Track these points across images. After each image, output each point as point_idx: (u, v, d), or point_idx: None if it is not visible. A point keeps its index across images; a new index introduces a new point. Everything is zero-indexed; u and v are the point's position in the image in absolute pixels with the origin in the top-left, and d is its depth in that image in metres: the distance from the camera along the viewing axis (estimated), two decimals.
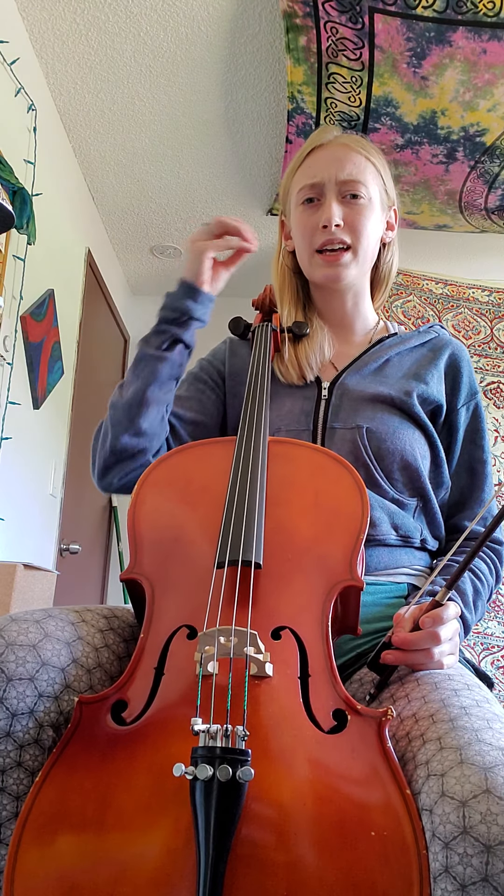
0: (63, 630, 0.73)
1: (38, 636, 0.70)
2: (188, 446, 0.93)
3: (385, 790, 0.58)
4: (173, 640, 0.71)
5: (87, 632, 0.76)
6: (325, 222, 1.04)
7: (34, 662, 0.68)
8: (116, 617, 0.83)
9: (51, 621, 0.73)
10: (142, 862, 0.56)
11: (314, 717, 0.64)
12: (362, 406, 1.01)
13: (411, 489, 0.99)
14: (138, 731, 0.64)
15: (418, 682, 0.73)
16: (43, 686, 0.67)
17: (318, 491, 0.84)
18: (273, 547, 0.77)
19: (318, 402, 1.04)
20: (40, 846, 0.59)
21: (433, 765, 0.58)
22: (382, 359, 1.08)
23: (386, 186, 1.11)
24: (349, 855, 0.55)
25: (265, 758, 0.60)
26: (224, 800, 0.55)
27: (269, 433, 0.93)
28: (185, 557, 0.79)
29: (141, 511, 0.84)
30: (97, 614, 0.81)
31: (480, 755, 0.57)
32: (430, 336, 1.13)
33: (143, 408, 0.97)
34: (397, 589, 0.95)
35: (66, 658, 0.71)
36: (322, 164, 1.07)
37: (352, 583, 0.74)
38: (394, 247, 1.18)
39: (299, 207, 1.09)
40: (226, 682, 0.64)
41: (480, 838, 0.51)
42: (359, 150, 1.08)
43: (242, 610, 0.70)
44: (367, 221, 1.07)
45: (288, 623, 0.71)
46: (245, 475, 0.83)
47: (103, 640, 0.78)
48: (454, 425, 1.06)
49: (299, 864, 0.55)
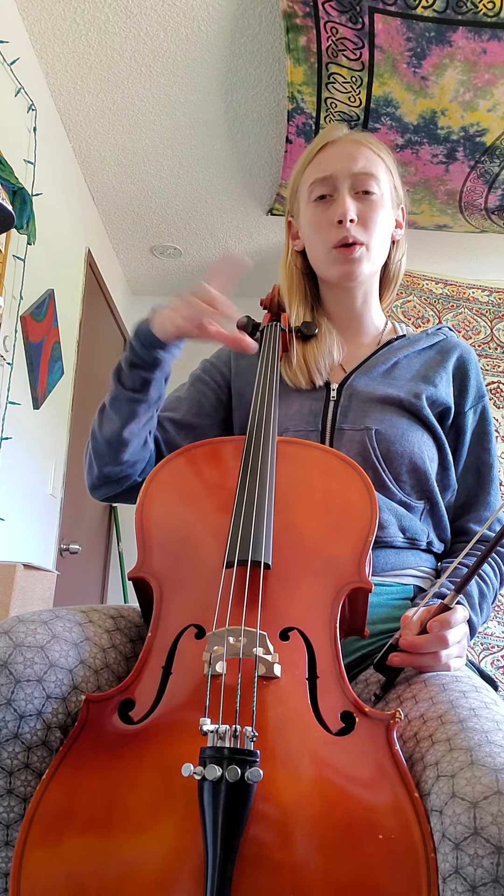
0: (71, 631, 0.73)
1: (46, 637, 0.70)
2: (196, 445, 0.93)
3: (393, 793, 0.58)
4: (181, 640, 0.71)
5: (94, 632, 0.76)
6: (340, 217, 1.03)
7: (42, 664, 0.68)
8: (123, 617, 0.83)
9: (58, 622, 0.73)
10: (149, 862, 0.56)
11: (322, 719, 0.64)
12: (371, 408, 1.01)
13: (419, 492, 0.99)
14: (146, 730, 0.64)
15: (426, 684, 0.73)
16: (51, 687, 0.67)
17: (326, 492, 0.84)
18: (282, 547, 0.77)
19: (326, 403, 1.03)
20: (46, 845, 0.59)
21: (443, 766, 0.58)
22: (391, 361, 1.07)
23: (395, 184, 1.10)
24: (356, 858, 0.55)
25: (273, 759, 0.60)
26: (232, 800, 0.55)
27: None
28: (194, 556, 0.79)
29: (149, 509, 0.84)
30: (104, 614, 0.81)
31: (491, 756, 0.57)
32: (438, 338, 1.13)
33: (122, 446, 0.98)
34: (403, 591, 0.95)
35: (74, 659, 0.71)
36: (334, 160, 1.06)
37: (360, 584, 0.74)
38: (403, 246, 1.16)
39: (311, 205, 1.07)
40: (234, 682, 0.64)
41: (491, 839, 0.51)
42: (370, 147, 1.07)
43: (252, 610, 0.70)
44: (380, 218, 1.06)
45: (296, 624, 0.71)
46: (254, 475, 0.83)
47: (110, 641, 0.78)
48: (461, 428, 1.06)
49: (306, 866, 0.55)
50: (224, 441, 0.94)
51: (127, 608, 0.87)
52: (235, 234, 3.64)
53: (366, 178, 1.05)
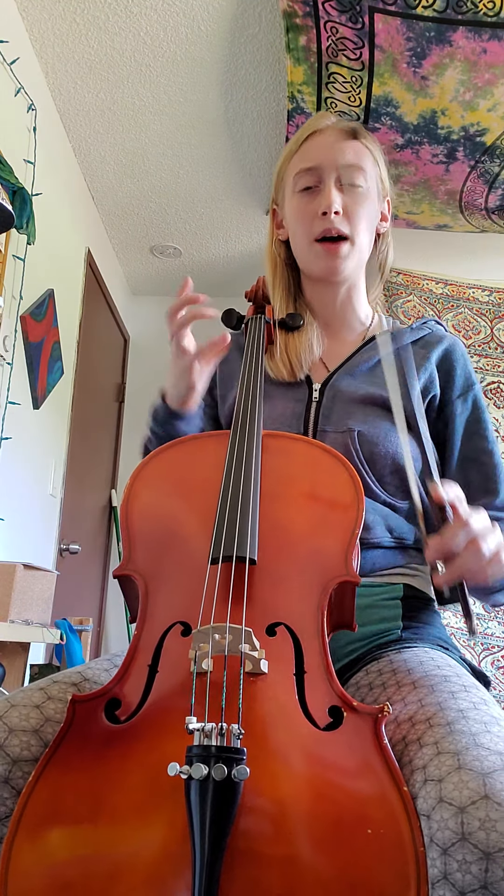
0: (28, 719, 0.70)
1: (2, 734, 0.68)
2: (181, 440, 0.92)
3: (381, 787, 0.58)
4: (167, 637, 0.71)
5: (54, 709, 0.72)
6: (325, 209, 1.01)
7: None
8: (87, 680, 0.79)
9: (13, 712, 0.70)
10: (136, 861, 0.56)
11: (310, 714, 0.63)
12: (353, 408, 0.99)
13: (403, 492, 0.97)
14: (132, 729, 0.64)
15: (415, 686, 0.73)
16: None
17: (313, 485, 0.83)
18: (268, 542, 0.76)
19: (308, 405, 1.02)
20: (34, 846, 0.58)
21: (430, 770, 0.58)
22: (375, 358, 1.05)
23: (382, 175, 1.08)
24: (346, 853, 0.54)
25: (261, 755, 0.59)
26: (219, 799, 0.54)
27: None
28: (179, 553, 0.78)
29: (134, 507, 0.83)
30: (64, 684, 0.77)
31: (479, 760, 0.56)
32: (423, 332, 1.10)
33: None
34: (393, 590, 0.94)
35: (37, 749, 0.68)
36: (320, 150, 1.04)
37: (347, 578, 0.73)
38: (388, 238, 1.14)
39: (296, 195, 1.05)
40: (220, 679, 0.63)
41: (479, 845, 0.51)
42: (358, 137, 1.05)
43: (237, 606, 0.70)
44: (365, 211, 1.04)
45: (283, 619, 0.70)
46: (239, 469, 0.82)
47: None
48: (450, 418, 1.04)
49: (295, 862, 0.54)
50: (209, 436, 0.94)
51: (95, 666, 0.83)
52: (235, 234, 3.64)
53: (353, 171, 1.03)
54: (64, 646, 2.37)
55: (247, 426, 0.89)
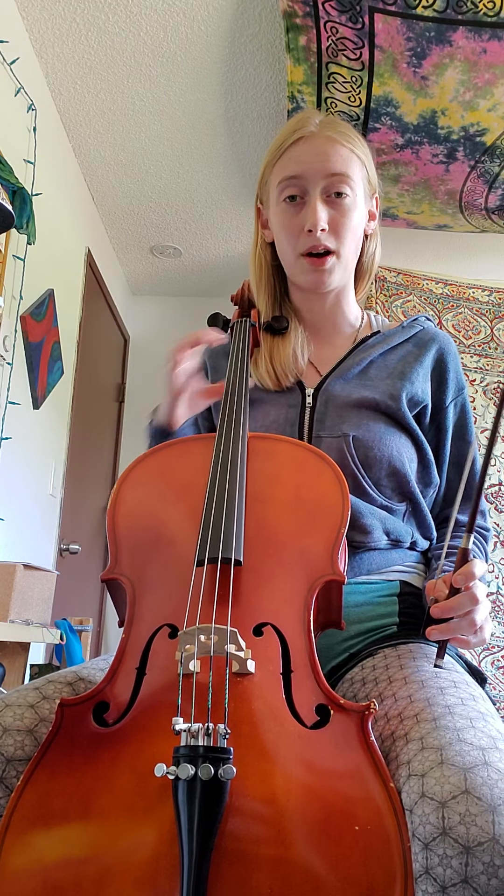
0: (22, 719, 0.70)
1: None
2: (167, 444, 0.93)
3: (368, 785, 0.58)
4: (155, 640, 0.71)
5: (49, 709, 0.73)
6: (311, 227, 0.99)
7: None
8: (82, 679, 0.80)
9: (8, 712, 0.71)
10: (126, 862, 0.56)
11: (297, 713, 0.63)
12: (348, 413, 0.99)
13: (400, 494, 0.98)
14: (121, 731, 0.64)
15: (406, 681, 0.73)
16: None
17: (298, 486, 0.83)
18: (254, 543, 0.77)
19: (302, 411, 1.01)
20: (23, 849, 0.59)
21: (414, 765, 0.58)
22: (366, 361, 1.04)
23: (369, 175, 1.07)
24: (334, 850, 0.55)
25: (248, 754, 0.60)
26: (206, 799, 0.55)
27: None
28: (166, 556, 0.79)
29: (120, 511, 0.84)
30: (59, 684, 0.77)
31: (461, 755, 0.56)
32: (414, 330, 1.09)
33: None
34: (389, 586, 0.95)
35: (32, 749, 0.69)
36: (305, 158, 1.01)
37: (333, 577, 0.73)
38: (376, 237, 1.13)
39: (281, 205, 1.04)
40: (207, 680, 0.64)
41: (460, 839, 0.51)
42: (343, 143, 1.02)
43: (222, 607, 0.70)
44: (352, 223, 1.03)
45: (269, 619, 0.71)
46: (224, 471, 0.82)
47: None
48: (442, 423, 1.04)
49: (284, 860, 0.54)
50: (195, 439, 0.94)
51: (90, 665, 0.84)
52: (235, 233, 3.64)
53: (339, 180, 1.00)
54: (64, 646, 2.37)
55: (232, 428, 0.89)
